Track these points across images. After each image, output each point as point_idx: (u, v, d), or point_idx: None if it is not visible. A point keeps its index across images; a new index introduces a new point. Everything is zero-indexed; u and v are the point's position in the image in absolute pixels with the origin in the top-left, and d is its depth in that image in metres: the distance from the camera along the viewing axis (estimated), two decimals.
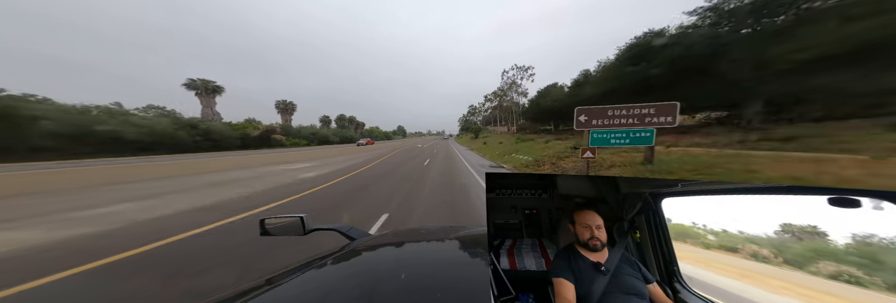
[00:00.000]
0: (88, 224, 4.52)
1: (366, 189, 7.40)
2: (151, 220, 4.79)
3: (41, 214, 5.10)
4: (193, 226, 4.35)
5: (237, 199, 6.45)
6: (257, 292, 0.67)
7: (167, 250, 3.45)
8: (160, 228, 4.31)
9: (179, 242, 3.74)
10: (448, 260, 0.95)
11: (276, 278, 0.77)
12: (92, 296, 2.49)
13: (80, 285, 2.67)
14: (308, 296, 0.66)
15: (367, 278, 0.75)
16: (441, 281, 0.74)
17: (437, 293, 0.66)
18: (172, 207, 5.69)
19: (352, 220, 4.73)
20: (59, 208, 5.55)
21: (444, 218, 4.73)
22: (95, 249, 3.47)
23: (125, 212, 5.29)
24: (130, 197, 6.65)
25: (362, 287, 0.68)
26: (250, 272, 2.86)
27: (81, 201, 6.16)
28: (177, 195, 6.86)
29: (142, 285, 2.63)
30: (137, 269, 2.96)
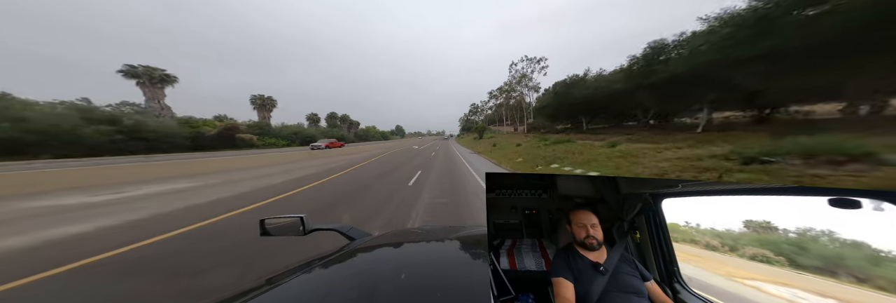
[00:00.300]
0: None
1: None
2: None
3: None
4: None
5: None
6: (257, 292, 0.67)
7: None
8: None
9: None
10: (448, 260, 0.95)
11: (276, 278, 0.77)
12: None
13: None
14: (308, 296, 0.66)
15: (367, 278, 0.75)
16: (441, 281, 0.74)
17: (437, 293, 0.66)
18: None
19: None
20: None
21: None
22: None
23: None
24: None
25: (362, 287, 0.68)
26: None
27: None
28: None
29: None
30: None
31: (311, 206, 5.50)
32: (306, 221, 1.29)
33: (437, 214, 4.85)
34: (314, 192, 6.87)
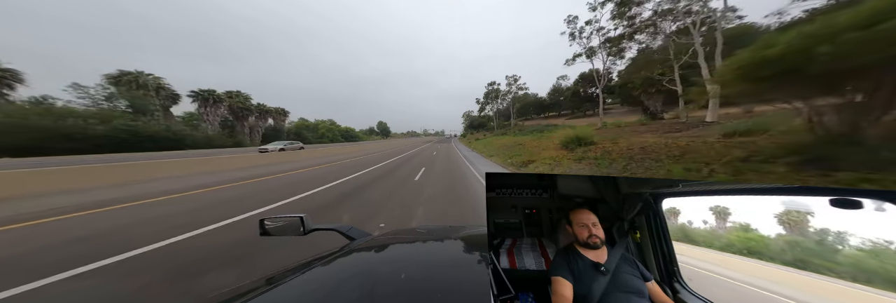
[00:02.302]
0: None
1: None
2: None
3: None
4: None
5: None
6: (257, 292, 0.67)
7: None
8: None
9: None
10: (448, 260, 0.95)
11: (275, 278, 0.77)
12: None
13: None
14: (308, 296, 0.66)
15: (367, 278, 0.75)
16: (441, 281, 0.74)
17: (437, 294, 0.66)
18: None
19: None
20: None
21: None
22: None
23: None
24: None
25: (362, 288, 0.68)
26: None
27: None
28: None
29: None
30: None
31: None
32: (306, 220, 1.29)
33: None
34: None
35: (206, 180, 8.46)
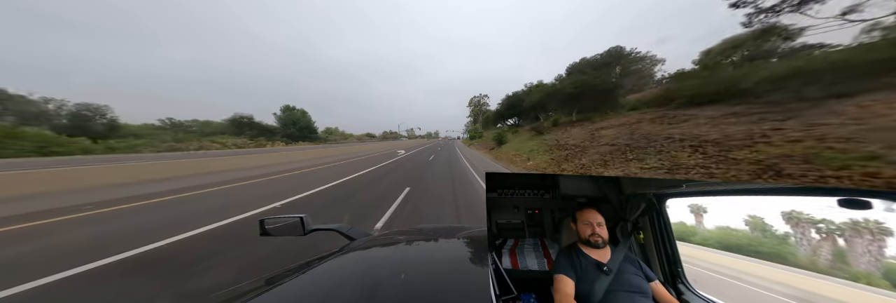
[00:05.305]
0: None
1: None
2: None
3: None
4: None
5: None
6: (257, 292, 0.67)
7: None
8: None
9: None
10: (448, 260, 0.94)
11: (275, 278, 0.76)
12: None
13: None
14: (308, 297, 0.65)
15: (367, 278, 0.74)
16: (442, 281, 0.74)
17: (438, 294, 0.65)
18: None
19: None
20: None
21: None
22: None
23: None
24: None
25: (362, 288, 0.68)
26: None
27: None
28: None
29: None
30: None
31: None
32: (306, 220, 1.29)
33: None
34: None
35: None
